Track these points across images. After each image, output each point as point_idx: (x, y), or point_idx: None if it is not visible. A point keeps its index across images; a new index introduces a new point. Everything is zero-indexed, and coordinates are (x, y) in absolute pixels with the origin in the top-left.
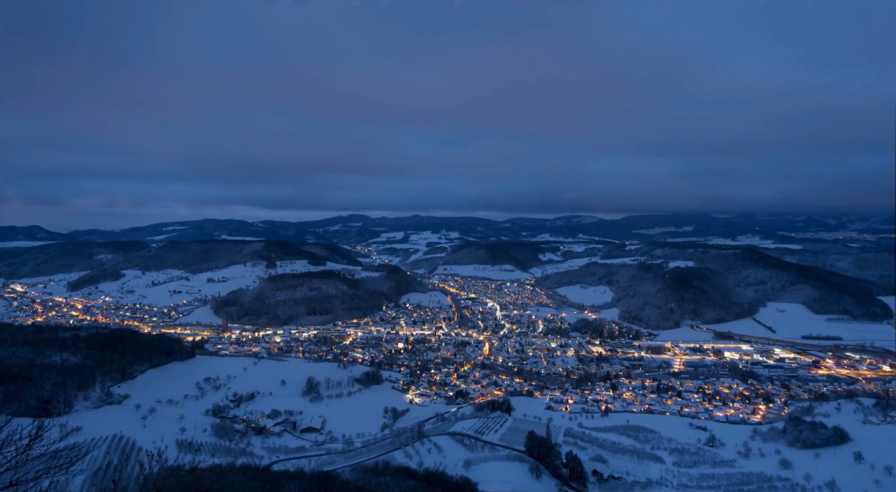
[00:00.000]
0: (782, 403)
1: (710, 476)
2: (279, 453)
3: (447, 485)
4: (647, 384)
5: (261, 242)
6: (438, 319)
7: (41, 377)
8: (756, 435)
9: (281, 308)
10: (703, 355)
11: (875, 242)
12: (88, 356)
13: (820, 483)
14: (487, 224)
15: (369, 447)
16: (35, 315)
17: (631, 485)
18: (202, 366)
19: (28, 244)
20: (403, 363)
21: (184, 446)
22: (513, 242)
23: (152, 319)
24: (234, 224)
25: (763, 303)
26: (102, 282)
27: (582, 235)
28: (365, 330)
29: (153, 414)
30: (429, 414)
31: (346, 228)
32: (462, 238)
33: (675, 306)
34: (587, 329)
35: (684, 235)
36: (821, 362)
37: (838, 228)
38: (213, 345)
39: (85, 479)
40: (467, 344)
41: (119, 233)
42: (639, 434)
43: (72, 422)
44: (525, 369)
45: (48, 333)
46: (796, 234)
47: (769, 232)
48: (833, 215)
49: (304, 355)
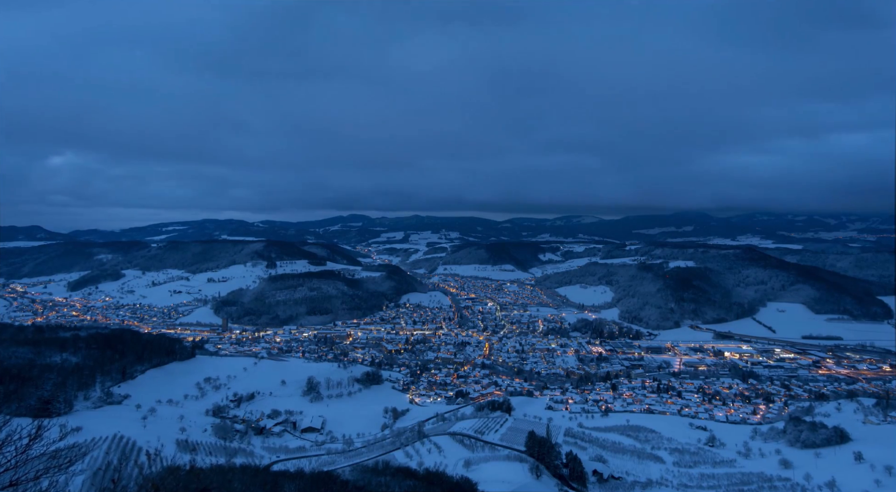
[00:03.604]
0: (782, 403)
1: (710, 476)
2: (279, 453)
3: (447, 485)
4: (648, 384)
5: (261, 242)
6: (438, 319)
7: (41, 377)
8: (756, 435)
9: (281, 308)
10: (703, 355)
11: (875, 242)
12: (88, 356)
13: (820, 483)
14: (487, 224)
15: (369, 447)
16: (35, 315)
17: (631, 485)
18: (202, 366)
19: (28, 244)
20: (403, 363)
21: (184, 445)
22: (513, 242)
23: (152, 319)
24: (234, 224)
25: (763, 303)
26: (102, 282)
27: (582, 235)
28: (365, 330)
29: (153, 414)
30: (429, 414)
31: (346, 228)
32: (462, 238)
33: (675, 306)
34: (587, 329)
35: (684, 235)
36: (821, 362)
37: (838, 228)
38: (213, 345)
39: (85, 479)
40: (467, 344)
41: (119, 233)
42: (639, 434)
43: (72, 422)
44: (525, 368)
45: (48, 333)
46: (796, 234)
47: (769, 232)
48: (833, 215)
49: (304, 355)
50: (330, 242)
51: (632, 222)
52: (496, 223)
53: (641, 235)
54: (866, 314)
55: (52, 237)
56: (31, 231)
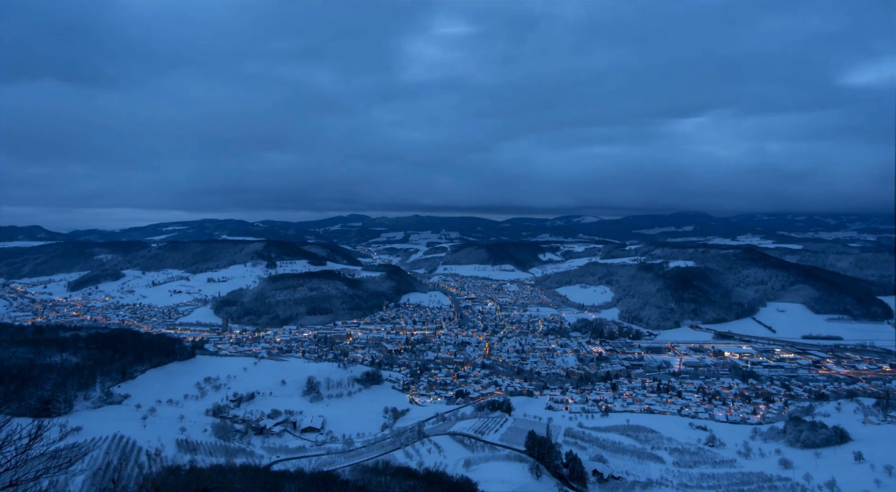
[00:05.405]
0: (782, 403)
1: (710, 476)
2: (279, 453)
3: (447, 485)
4: (647, 384)
5: (261, 242)
6: (438, 319)
7: (41, 377)
8: (756, 435)
9: (281, 308)
10: (703, 355)
11: (875, 242)
12: (88, 356)
13: (820, 483)
14: (487, 224)
15: (369, 447)
16: (35, 315)
17: (631, 485)
18: (202, 366)
19: (28, 244)
20: (404, 363)
21: (184, 445)
22: (513, 242)
23: (152, 319)
24: (234, 224)
25: (763, 303)
26: (102, 282)
27: (582, 235)
28: (365, 330)
29: (153, 414)
30: (429, 414)
31: (346, 228)
32: (462, 238)
33: (675, 306)
34: (587, 329)
35: (684, 235)
36: (821, 362)
37: (838, 228)
38: (213, 345)
39: (85, 479)
40: (467, 344)
41: (119, 233)
42: (639, 434)
43: (72, 422)
44: (525, 368)
45: (48, 333)
46: (796, 234)
47: (769, 232)
48: (833, 215)
49: (304, 355)
50: (330, 242)
51: (632, 222)
52: (496, 223)
53: (641, 235)
54: (866, 314)
55: (52, 237)
56: (31, 231)
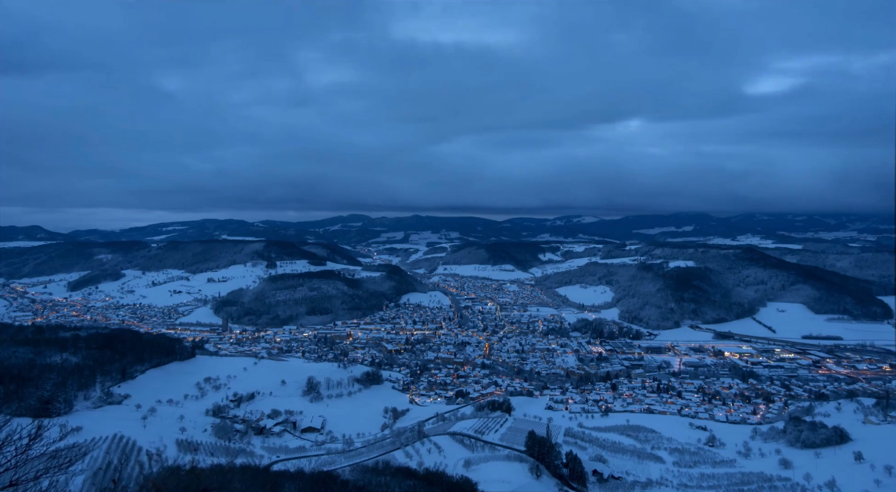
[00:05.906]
0: (782, 403)
1: (710, 476)
2: (279, 453)
3: (447, 485)
4: (648, 384)
5: (261, 242)
6: (438, 319)
7: (41, 377)
8: (756, 435)
9: (281, 308)
10: (703, 355)
11: (875, 242)
12: (88, 356)
13: (820, 483)
14: (487, 224)
15: (369, 447)
16: (35, 315)
17: (631, 485)
18: (202, 366)
19: (28, 244)
20: (404, 363)
21: (184, 445)
22: (513, 242)
23: (152, 319)
24: (234, 224)
25: (763, 303)
26: (102, 282)
27: (582, 235)
28: (365, 330)
29: (153, 414)
30: (429, 414)
31: (346, 228)
32: (462, 238)
33: (675, 306)
34: (587, 329)
35: (684, 235)
36: (821, 362)
37: (838, 228)
38: (213, 345)
39: (85, 479)
40: (467, 344)
41: (119, 233)
42: (639, 434)
43: (72, 422)
44: (525, 368)
45: (48, 333)
46: (796, 234)
47: (769, 232)
48: (833, 215)
49: (304, 355)
50: (330, 242)
51: (632, 222)
52: (496, 223)
53: (641, 235)
54: (866, 314)
55: (52, 237)
56: (31, 231)
